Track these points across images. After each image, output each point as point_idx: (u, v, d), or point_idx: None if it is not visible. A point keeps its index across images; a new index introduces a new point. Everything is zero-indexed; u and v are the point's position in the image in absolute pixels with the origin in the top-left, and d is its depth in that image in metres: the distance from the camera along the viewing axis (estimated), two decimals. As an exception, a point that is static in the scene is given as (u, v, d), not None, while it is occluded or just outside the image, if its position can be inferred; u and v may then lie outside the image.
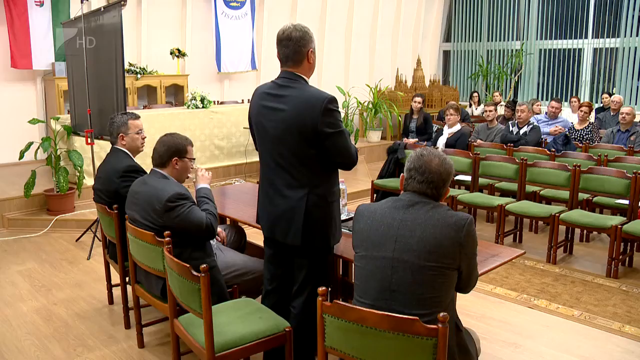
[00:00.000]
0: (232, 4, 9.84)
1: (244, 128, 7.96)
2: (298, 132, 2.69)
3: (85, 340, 3.77)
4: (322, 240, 2.86)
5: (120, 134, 3.87)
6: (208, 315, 2.55)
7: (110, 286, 4.26)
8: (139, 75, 8.70)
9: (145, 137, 3.98)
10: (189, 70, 9.49)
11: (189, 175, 3.43)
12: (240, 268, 3.49)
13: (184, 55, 9.21)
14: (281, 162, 2.80)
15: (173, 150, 3.29)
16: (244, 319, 2.85)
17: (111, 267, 4.12)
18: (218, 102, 9.29)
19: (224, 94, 10.16)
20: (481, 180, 6.32)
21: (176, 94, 9.56)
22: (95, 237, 5.46)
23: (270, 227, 2.93)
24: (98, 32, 5.71)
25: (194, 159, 3.46)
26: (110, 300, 4.29)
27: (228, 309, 2.96)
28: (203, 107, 8.13)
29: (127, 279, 3.70)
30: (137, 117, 3.96)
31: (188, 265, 2.59)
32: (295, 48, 2.77)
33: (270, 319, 2.87)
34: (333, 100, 2.71)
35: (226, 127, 8.32)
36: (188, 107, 8.08)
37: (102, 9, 5.65)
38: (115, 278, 4.16)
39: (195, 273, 2.53)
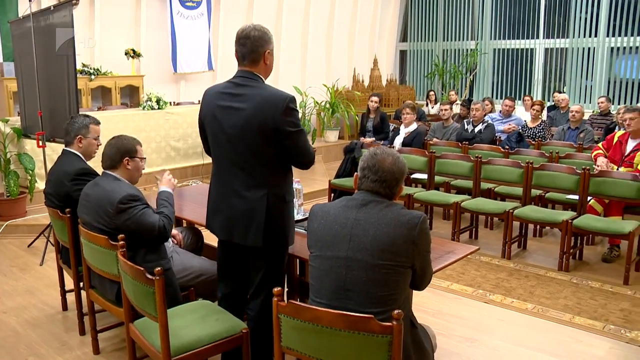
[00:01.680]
0: (187, 3, 9.73)
1: (200, 132, 7.88)
2: (259, 131, 2.68)
3: (36, 349, 3.67)
4: (282, 240, 2.86)
5: (80, 136, 3.78)
6: (163, 319, 2.52)
7: (63, 292, 4.16)
8: (92, 76, 8.52)
9: (100, 145, 3.90)
10: (144, 71, 9.35)
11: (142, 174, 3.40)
12: (196, 270, 3.45)
13: (139, 55, 9.06)
14: (239, 162, 2.78)
15: (123, 151, 3.25)
16: (200, 321, 2.83)
17: (65, 273, 4.03)
18: (174, 103, 9.19)
19: (180, 94, 10.04)
20: (437, 178, 6.40)
21: (131, 95, 9.40)
22: (48, 242, 5.33)
23: (227, 229, 2.88)
24: (48, 32, 5.57)
25: (145, 158, 3.43)
26: (64, 307, 4.20)
27: (184, 312, 2.93)
28: (159, 108, 8.03)
29: (81, 284, 3.63)
30: (98, 122, 3.90)
31: (142, 269, 2.55)
32: (252, 47, 2.76)
33: (227, 320, 2.86)
34: (294, 99, 2.73)
35: (182, 128, 8.23)
36: (143, 108, 7.96)
37: (52, 8, 5.51)
38: (69, 283, 4.06)
39: (149, 276, 2.50)
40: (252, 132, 2.70)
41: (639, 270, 5.02)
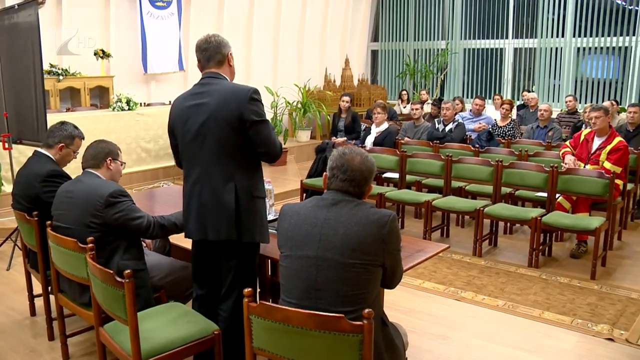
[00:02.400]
0: (157, 3, 9.63)
1: (169, 136, 7.82)
2: (225, 121, 2.74)
3: (4, 356, 3.59)
4: (254, 236, 2.85)
5: (63, 144, 3.72)
6: (134, 322, 2.50)
7: (31, 297, 4.08)
8: (61, 77, 8.39)
9: (76, 159, 3.86)
10: (114, 72, 9.23)
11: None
12: (165, 270, 3.44)
13: (108, 56, 8.95)
14: (207, 157, 2.80)
15: (107, 151, 3.32)
16: (171, 323, 2.81)
17: (32, 277, 3.95)
18: (144, 103, 9.09)
19: (151, 95, 9.94)
20: (408, 177, 6.44)
21: (101, 96, 9.27)
22: (16, 246, 5.23)
23: (201, 228, 2.88)
24: (13, 31, 5.47)
25: (125, 163, 3.49)
26: (32, 312, 4.12)
27: (155, 315, 2.91)
28: (129, 109, 7.95)
29: (49, 288, 3.56)
30: (83, 138, 3.88)
31: (111, 272, 2.52)
32: (215, 49, 2.88)
33: (198, 322, 2.84)
34: (257, 91, 2.80)
35: (153, 129, 8.16)
36: (113, 109, 7.87)
37: (17, 7, 5.41)
38: (37, 288, 3.99)
39: (119, 279, 2.47)
40: (218, 123, 2.75)
41: (605, 265, 5.12)
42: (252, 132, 2.75)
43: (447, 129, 7.36)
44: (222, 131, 2.75)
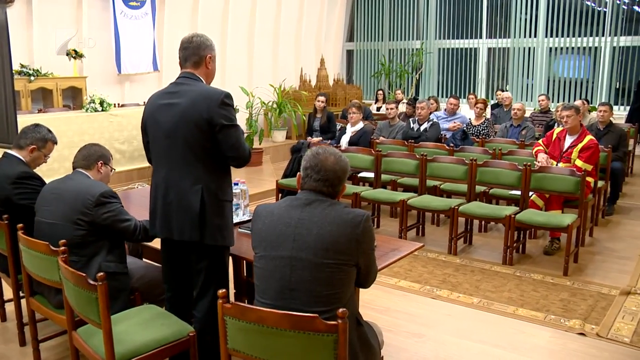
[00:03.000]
0: (131, 3, 9.53)
1: (142, 134, 7.75)
2: (194, 123, 2.73)
3: (-26, 362, 3.54)
4: (218, 239, 2.85)
5: (35, 146, 3.66)
6: (107, 325, 2.47)
7: (2, 302, 4.00)
8: (32, 77, 8.25)
9: (46, 163, 3.84)
10: (87, 72, 9.11)
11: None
12: (142, 274, 3.42)
13: (81, 56, 8.83)
14: (176, 157, 2.81)
15: (100, 154, 3.38)
16: (146, 326, 2.79)
17: (3, 282, 3.88)
18: (118, 104, 8.99)
19: (125, 96, 9.83)
20: (384, 177, 6.47)
21: (74, 97, 9.14)
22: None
23: (166, 226, 2.89)
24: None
25: (114, 170, 3.56)
26: (3, 318, 4.03)
27: (129, 317, 2.88)
28: (102, 110, 7.85)
29: (20, 292, 3.50)
30: (56, 142, 3.83)
31: (84, 275, 2.49)
32: (194, 50, 2.88)
33: (173, 324, 2.82)
34: (229, 95, 2.79)
35: (127, 130, 8.07)
36: (87, 110, 7.77)
37: (-15, 7, 5.31)
38: (8, 293, 3.92)
39: (91, 282, 2.44)
40: (187, 125, 2.75)
41: (578, 262, 5.20)
42: (222, 137, 2.75)
43: (422, 128, 7.41)
44: (190, 133, 2.75)
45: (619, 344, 3.68)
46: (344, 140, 7.27)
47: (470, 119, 8.36)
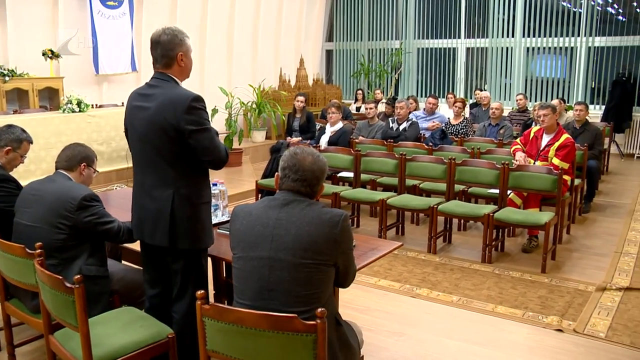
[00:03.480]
0: (108, 2, 9.43)
1: (125, 133, 7.70)
2: (161, 130, 2.70)
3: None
4: (190, 243, 2.84)
5: (10, 147, 3.58)
6: (84, 328, 2.45)
7: (-23, 306, 3.94)
8: (7, 78, 8.13)
9: (23, 163, 3.77)
10: (63, 73, 8.99)
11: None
12: (121, 276, 3.39)
13: (57, 56, 8.72)
14: (148, 161, 2.79)
15: (83, 155, 3.31)
16: (124, 328, 2.77)
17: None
18: (96, 105, 8.89)
19: (103, 96, 9.72)
20: (363, 176, 6.48)
21: (51, 98, 9.01)
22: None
23: (139, 228, 2.90)
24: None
25: (98, 171, 3.48)
26: (-22, 322, 3.98)
27: (108, 320, 2.86)
28: (80, 111, 7.76)
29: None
30: (31, 142, 3.76)
31: (61, 277, 2.47)
32: (162, 52, 2.79)
33: (152, 326, 2.80)
34: (198, 99, 2.73)
35: (105, 131, 8.00)
36: (64, 111, 7.68)
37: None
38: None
39: (68, 285, 2.42)
40: (155, 131, 2.72)
41: (555, 259, 5.26)
42: (193, 142, 2.70)
43: (401, 127, 7.43)
44: (159, 139, 2.72)
45: (595, 339, 3.73)
46: (323, 140, 7.27)
47: (449, 118, 8.41)
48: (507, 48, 12.00)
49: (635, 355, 3.54)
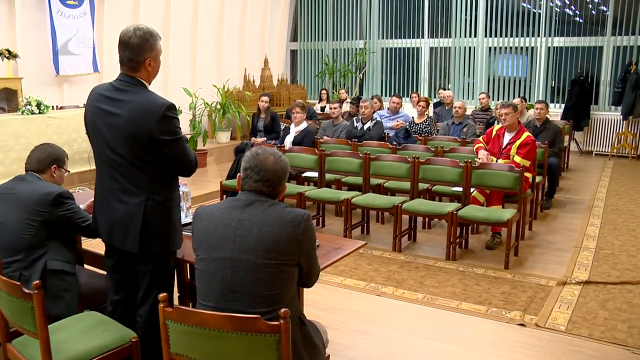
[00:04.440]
0: (68, 2, 9.24)
1: (86, 133, 7.56)
2: (133, 139, 2.62)
3: None
4: (162, 247, 2.80)
5: None
6: (44, 334, 2.39)
7: None
8: (-38, 79, 7.93)
9: None
10: (22, 73, 8.78)
11: None
12: (84, 281, 3.32)
13: (15, 56, 8.51)
14: (117, 167, 2.71)
15: (54, 157, 3.29)
16: (87, 333, 2.72)
17: None
18: (57, 107, 8.71)
19: (64, 98, 9.53)
20: (328, 176, 6.49)
21: (9, 99, 8.79)
22: None
23: (108, 233, 2.83)
24: None
25: (69, 171, 3.47)
26: None
27: (69, 325, 2.80)
28: (40, 112, 7.60)
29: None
30: None
31: (18, 283, 2.41)
32: (131, 55, 2.69)
33: (115, 330, 2.76)
34: (171, 107, 2.66)
35: (66, 134, 7.85)
36: (22, 112, 7.51)
37: None
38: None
39: (26, 290, 2.36)
40: (127, 139, 2.64)
41: (518, 255, 5.34)
42: (167, 151, 2.65)
43: (365, 127, 7.47)
44: (130, 149, 2.65)
45: (556, 332, 3.82)
46: (288, 140, 7.26)
47: (412, 117, 8.48)
48: (469, 48, 12.17)
49: (593, 346, 3.63)
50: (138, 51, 2.67)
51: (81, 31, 9.46)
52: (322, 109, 11.53)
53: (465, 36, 12.16)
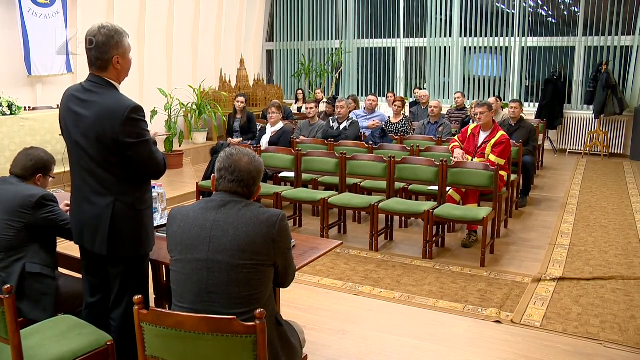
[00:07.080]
0: (40, 0, 9.11)
1: (60, 135, 7.46)
2: (97, 141, 2.60)
3: None
4: (132, 249, 2.78)
5: None
6: (16, 339, 2.36)
7: None
8: None
9: None
10: (-8, 74, 8.66)
11: None
12: (61, 284, 3.28)
13: (-14, 57, 8.38)
14: (87, 168, 2.70)
15: (40, 166, 3.27)
16: (61, 337, 2.69)
17: None
18: (30, 108, 8.57)
19: (37, 99, 9.38)
20: (304, 176, 6.49)
21: (-21, 100, 8.66)
22: None
23: (79, 234, 2.81)
24: None
25: (54, 177, 3.46)
26: None
27: (43, 329, 2.77)
28: (12, 113, 7.47)
29: None
30: None
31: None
32: (97, 54, 2.65)
33: (90, 334, 2.73)
34: (137, 109, 2.63)
35: (40, 135, 7.73)
36: (-7, 114, 7.38)
37: None
38: None
39: (-4, 296, 2.32)
40: (92, 140, 2.62)
41: (494, 253, 5.40)
42: (132, 153, 2.63)
43: (341, 127, 7.48)
44: (96, 149, 2.63)
45: (531, 329, 3.86)
46: (264, 141, 7.25)
47: (389, 117, 8.51)
48: (445, 47, 12.25)
49: (567, 341, 3.69)
50: (104, 49, 2.64)
51: (53, 30, 9.32)
52: (299, 109, 11.53)
53: (440, 36, 12.24)
